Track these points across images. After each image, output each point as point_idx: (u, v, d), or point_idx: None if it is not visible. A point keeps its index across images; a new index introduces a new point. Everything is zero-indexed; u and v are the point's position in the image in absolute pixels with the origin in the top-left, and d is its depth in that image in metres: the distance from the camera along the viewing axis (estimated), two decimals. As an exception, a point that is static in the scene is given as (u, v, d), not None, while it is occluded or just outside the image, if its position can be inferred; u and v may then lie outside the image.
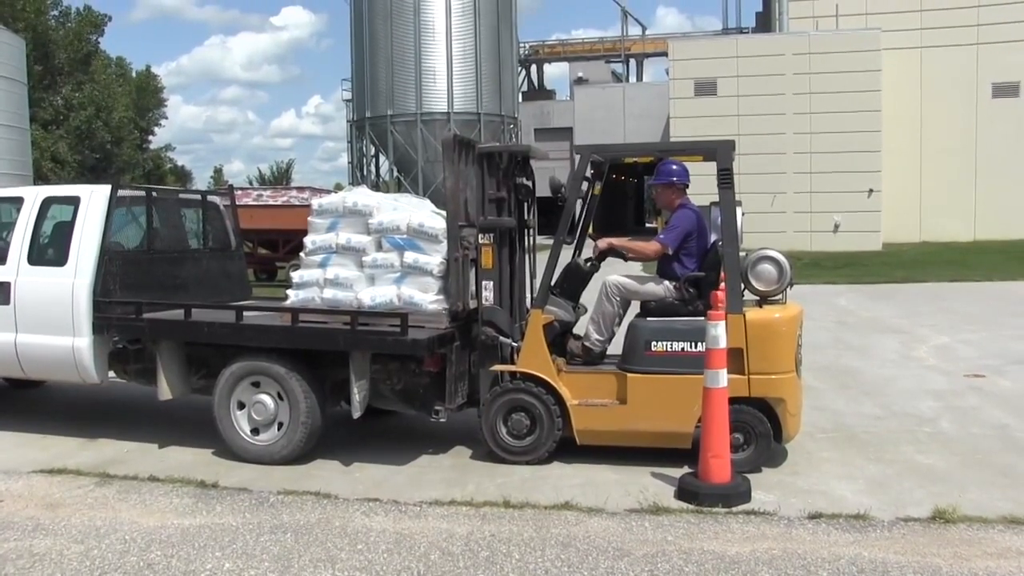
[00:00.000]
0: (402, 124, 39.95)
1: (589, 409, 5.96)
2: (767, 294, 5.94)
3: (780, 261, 5.90)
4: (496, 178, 6.34)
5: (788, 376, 5.79)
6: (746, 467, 5.70)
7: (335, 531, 4.84)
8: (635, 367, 5.90)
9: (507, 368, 6.18)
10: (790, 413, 5.81)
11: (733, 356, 5.63)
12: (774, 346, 5.76)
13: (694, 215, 6.23)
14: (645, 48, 55.15)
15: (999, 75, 34.74)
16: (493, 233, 6.19)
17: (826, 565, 4.32)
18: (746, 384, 5.70)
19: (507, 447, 6.05)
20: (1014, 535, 4.69)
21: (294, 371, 6.05)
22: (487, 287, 6.18)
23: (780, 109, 32.58)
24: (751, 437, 5.77)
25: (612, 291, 6.22)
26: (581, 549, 4.54)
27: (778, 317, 5.85)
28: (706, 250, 6.20)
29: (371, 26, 40.40)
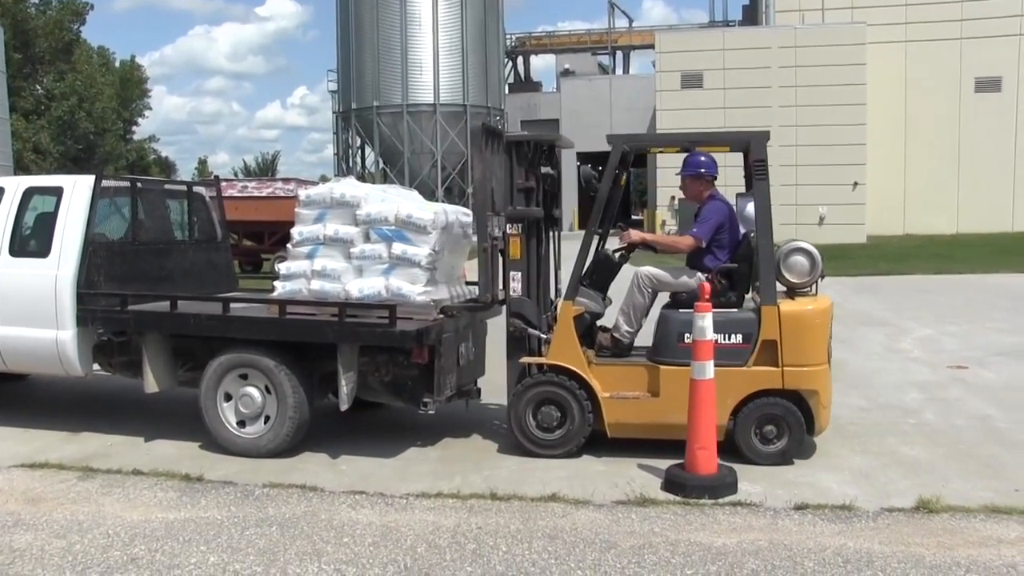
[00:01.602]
0: (388, 115, 39.86)
1: (620, 402, 5.92)
2: (799, 286, 5.93)
3: (812, 253, 5.90)
4: (524, 168, 6.28)
5: (821, 368, 5.80)
6: (778, 459, 5.74)
7: (321, 524, 4.82)
8: (668, 359, 5.88)
9: (537, 360, 6.14)
10: (822, 405, 5.81)
11: (767, 348, 5.69)
12: (808, 338, 5.76)
13: (725, 207, 6.23)
14: (632, 40, 55.10)
15: (982, 70, 34.96)
16: (521, 223, 6.16)
17: (812, 555, 4.34)
18: (780, 376, 5.71)
19: (537, 440, 5.99)
20: (995, 524, 4.74)
21: (282, 364, 6.02)
22: (515, 278, 6.16)
23: (766, 102, 32.65)
24: (783, 429, 5.77)
25: (644, 283, 6.18)
26: (568, 541, 4.54)
27: (812, 309, 5.84)
28: (738, 242, 6.19)
29: (357, 17, 40.26)
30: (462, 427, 6.85)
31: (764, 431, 5.76)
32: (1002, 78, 35.15)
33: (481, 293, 6.09)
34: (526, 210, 6.24)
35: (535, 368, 6.15)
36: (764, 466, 5.70)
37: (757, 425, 5.77)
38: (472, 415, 7.12)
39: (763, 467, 5.69)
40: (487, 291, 6.11)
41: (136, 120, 57.53)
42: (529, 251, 6.25)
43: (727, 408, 5.73)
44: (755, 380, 5.74)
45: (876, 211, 32.53)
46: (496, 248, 6.15)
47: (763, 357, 5.72)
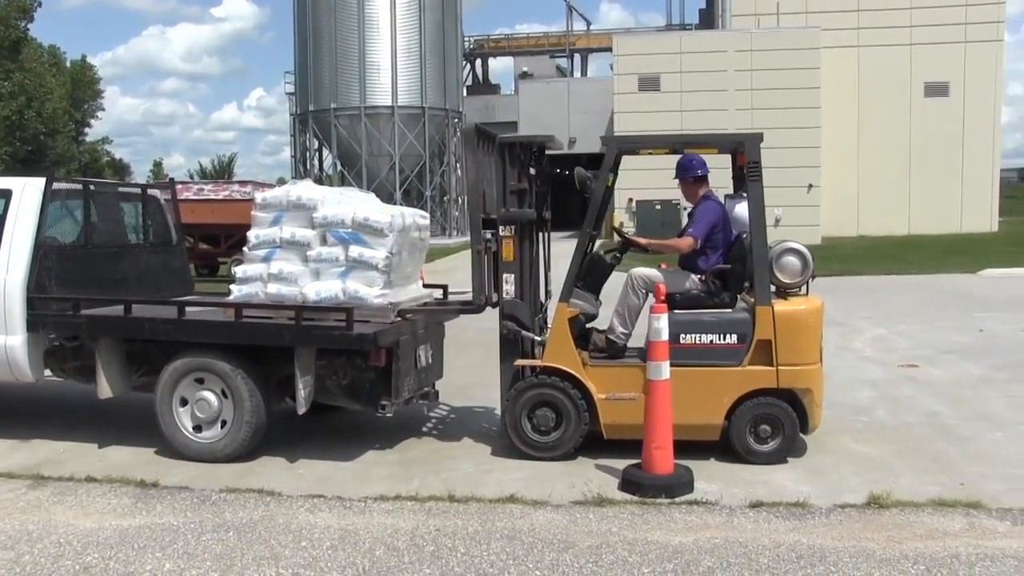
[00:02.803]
0: (346, 118, 39.67)
1: (616, 403, 5.92)
2: (791, 286, 6.00)
3: (804, 253, 5.97)
4: (516, 169, 6.27)
5: (814, 367, 5.89)
6: (773, 458, 5.82)
7: (279, 528, 4.80)
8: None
9: (532, 363, 6.13)
10: (815, 403, 5.90)
11: (761, 348, 5.76)
12: (802, 337, 5.83)
13: (719, 207, 6.29)
14: (590, 43, 55.42)
15: (930, 75, 35.73)
16: (514, 225, 6.15)
17: (766, 552, 4.41)
18: (774, 375, 5.78)
19: (532, 443, 5.97)
20: (941, 517, 4.86)
21: (238, 367, 5.98)
22: (508, 280, 6.14)
23: (722, 105, 32.98)
24: (778, 428, 5.84)
25: (639, 284, 6.20)
26: (526, 542, 4.57)
27: (805, 309, 5.92)
28: (730, 243, 6.24)
29: (315, 19, 40.02)
30: (421, 430, 6.86)
31: (759, 430, 5.83)
32: (949, 83, 35.93)
33: (475, 296, 6.06)
34: (519, 212, 6.23)
35: (529, 371, 6.14)
36: (720, 465, 5.77)
37: (752, 424, 5.84)
38: (428, 417, 7.13)
39: (719, 466, 5.77)
40: (481, 294, 6.08)
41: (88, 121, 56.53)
42: (522, 253, 6.23)
43: (723, 408, 5.80)
44: (750, 379, 5.81)
45: (830, 213, 33.01)
46: (489, 250, 6.12)
47: (758, 357, 5.79)
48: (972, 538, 4.57)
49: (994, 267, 20.06)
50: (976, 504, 5.01)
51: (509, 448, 6.13)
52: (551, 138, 6.50)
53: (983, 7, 35.72)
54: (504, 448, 6.26)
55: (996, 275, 19.16)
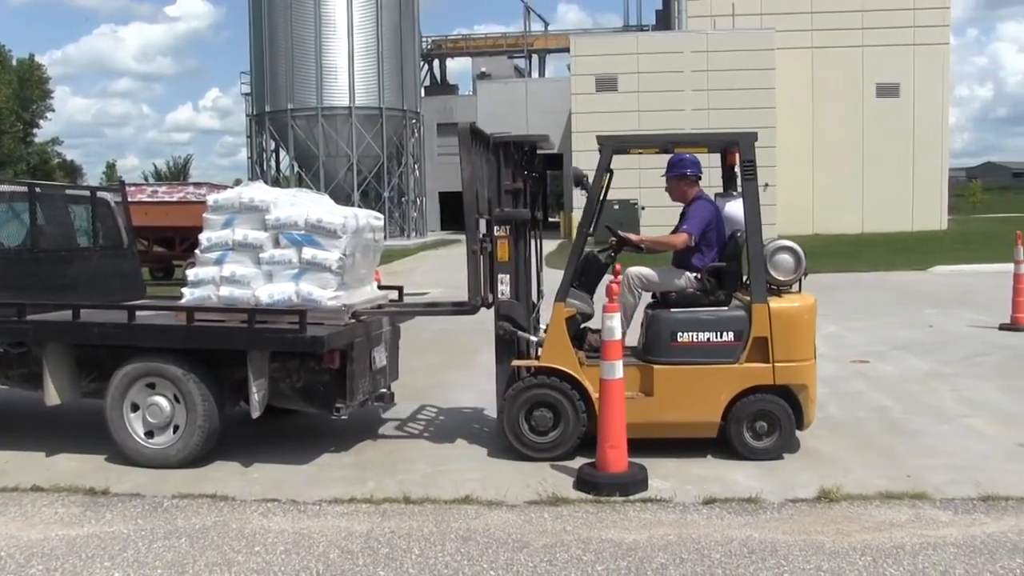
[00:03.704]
0: (303, 119, 39.42)
1: None
2: (785, 283, 6.06)
3: (797, 251, 6.05)
4: (511, 169, 6.23)
5: (809, 363, 5.95)
6: (770, 454, 5.88)
7: (232, 533, 4.75)
8: (661, 358, 5.94)
9: (530, 363, 6.10)
10: (810, 399, 5.97)
11: (758, 345, 5.81)
12: (797, 334, 5.90)
13: (712, 206, 6.33)
14: (547, 44, 55.60)
15: (882, 76, 36.43)
16: (509, 225, 6.12)
17: (719, 548, 4.46)
18: (771, 372, 5.84)
19: (531, 444, 5.94)
20: (889, 509, 4.96)
21: (191, 372, 5.90)
22: (503, 280, 6.10)
23: (679, 105, 33.31)
24: (775, 425, 5.89)
25: (635, 283, 6.23)
26: (481, 542, 4.57)
27: (800, 306, 5.99)
28: (724, 241, 6.28)
29: (270, 19, 39.72)
30: (376, 432, 6.83)
31: (756, 427, 5.89)
32: (900, 84, 36.67)
33: (471, 296, 6.04)
34: (515, 211, 6.20)
35: (525, 371, 6.13)
36: (674, 462, 5.81)
37: (749, 421, 5.89)
38: (384, 419, 7.11)
39: (673, 463, 5.80)
40: (477, 294, 6.06)
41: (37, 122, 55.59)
42: (517, 253, 6.21)
43: (720, 405, 5.85)
44: (747, 377, 5.87)
45: (786, 212, 33.42)
46: (485, 250, 6.10)
47: (754, 354, 5.85)
48: (917, 528, 4.67)
49: (943, 264, 20.47)
50: (921, 495, 5.12)
51: (468, 447, 6.13)
52: (545, 138, 6.47)
53: (930, 11, 36.53)
54: (461, 449, 6.28)
55: (945, 272, 19.56)
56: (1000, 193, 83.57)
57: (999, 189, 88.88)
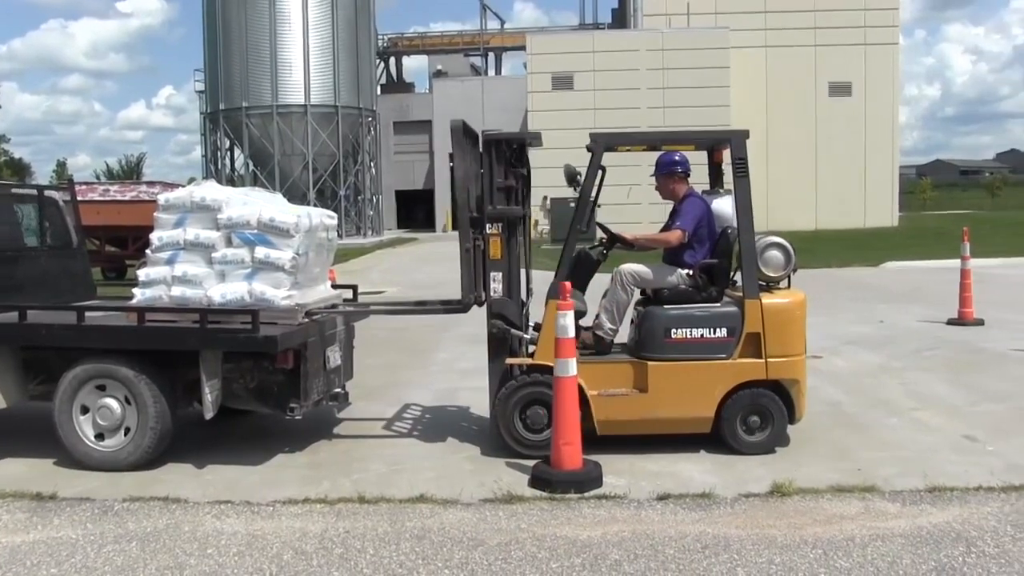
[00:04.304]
0: (257, 117, 38.99)
1: (609, 399, 5.95)
2: (775, 279, 6.13)
3: (787, 247, 6.11)
4: (503, 166, 6.20)
5: (800, 358, 6.04)
6: (764, 448, 5.95)
7: (184, 536, 4.69)
8: (655, 355, 5.97)
9: (524, 361, 6.08)
10: (801, 393, 6.06)
11: (751, 341, 5.88)
12: (789, 330, 5.98)
13: (703, 202, 6.36)
14: (504, 42, 55.65)
15: (834, 75, 37.00)
16: (501, 223, 6.10)
17: (672, 543, 4.50)
18: (763, 367, 5.91)
19: (525, 442, 5.91)
20: (839, 502, 5.04)
21: (142, 373, 5.81)
22: (496, 278, 6.08)
23: (635, 103, 33.54)
24: (768, 419, 5.97)
25: (627, 280, 6.23)
26: (436, 541, 4.57)
27: (791, 301, 6.07)
28: (716, 237, 6.31)
29: (224, 15, 39.23)
30: (331, 432, 6.79)
31: (749, 421, 5.96)
32: (852, 83, 37.24)
33: (464, 295, 6.01)
34: (507, 209, 6.17)
35: (517, 369, 6.11)
36: (629, 459, 5.85)
37: (743, 416, 5.96)
38: (339, 419, 7.08)
39: (628, 460, 5.84)
40: (471, 292, 6.03)
41: (-17, 119, 54.37)
42: (510, 251, 6.19)
43: (714, 400, 5.91)
44: (741, 372, 5.93)
45: (739, 210, 33.77)
46: (477, 248, 6.08)
47: (747, 349, 5.92)
48: (867, 520, 4.75)
49: (894, 260, 20.83)
50: (871, 488, 5.22)
51: (422, 448, 6.11)
52: (537, 136, 6.45)
53: (879, 12, 37.17)
54: (414, 448, 6.26)
55: (896, 268, 19.92)
56: (948, 190, 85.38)
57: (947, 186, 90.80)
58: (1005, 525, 4.65)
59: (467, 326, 11.46)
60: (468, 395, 7.87)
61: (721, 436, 5.98)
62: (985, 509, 4.89)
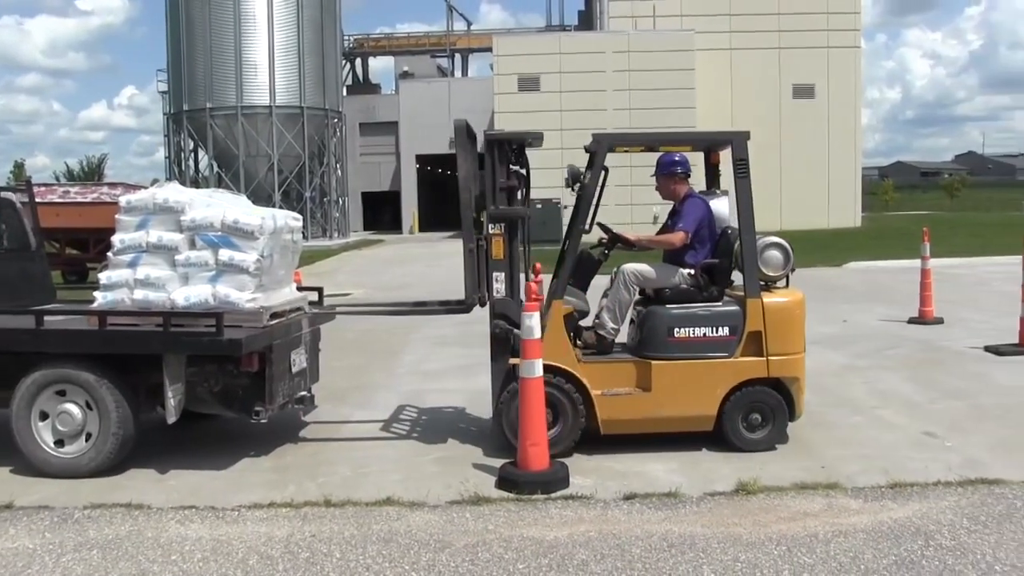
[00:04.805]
0: (222, 117, 38.66)
1: (613, 399, 5.97)
2: (774, 279, 6.19)
3: (786, 247, 6.17)
4: (505, 166, 6.18)
5: (800, 356, 6.10)
6: (765, 445, 6.01)
7: (147, 543, 4.64)
8: (658, 354, 6.00)
9: None
10: (801, 391, 6.12)
11: (752, 339, 5.93)
12: (789, 328, 6.04)
13: (704, 203, 6.40)
14: (470, 43, 55.61)
15: (798, 77, 37.39)
16: (504, 223, 6.08)
17: (639, 542, 4.52)
18: (765, 365, 5.97)
19: None
20: (803, 500, 5.10)
21: (104, 378, 5.73)
22: (498, 278, 6.08)
23: (601, 105, 33.64)
24: (768, 416, 6.03)
25: (630, 279, 6.25)
26: (403, 544, 4.55)
27: (792, 300, 6.12)
28: (716, 238, 6.35)
29: (188, 15, 38.85)
30: (297, 435, 6.75)
31: (751, 419, 6.02)
32: (815, 85, 37.65)
33: (468, 295, 6.00)
34: (510, 209, 6.16)
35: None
36: (595, 459, 5.87)
37: (744, 414, 6.01)
38: (304, 422, 7.03)
39: (594, 460, 5.87)
40: (474, 293, 6.02)
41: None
42: (512, 251, 6.18)
43: (717, 398, 5.96)
44: (742, 370, 5.99)
45: (705, 210, 34.03)
46: (480, 248, 6.07)
47: (749, 348, 5.98)
48: (829, 517, 4.81)
49: (857, 260, 21.08)
50: (834, 485, 5.29)
51: (388, 450, 6.08)
52: (539, 136, 6.40)
53: (842, 15, 37.61)
54: (379, 450, 6.24)
55: (859, 268, 20.17)
56: (910, 191, 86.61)
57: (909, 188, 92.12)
58: (961, 518, 4.74)
59: (433, 328, 11.46)
60: (435, 397, 7.87)
61: (723, 434, 6.04)
62: (943, 503, 4.97)
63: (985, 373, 8.50)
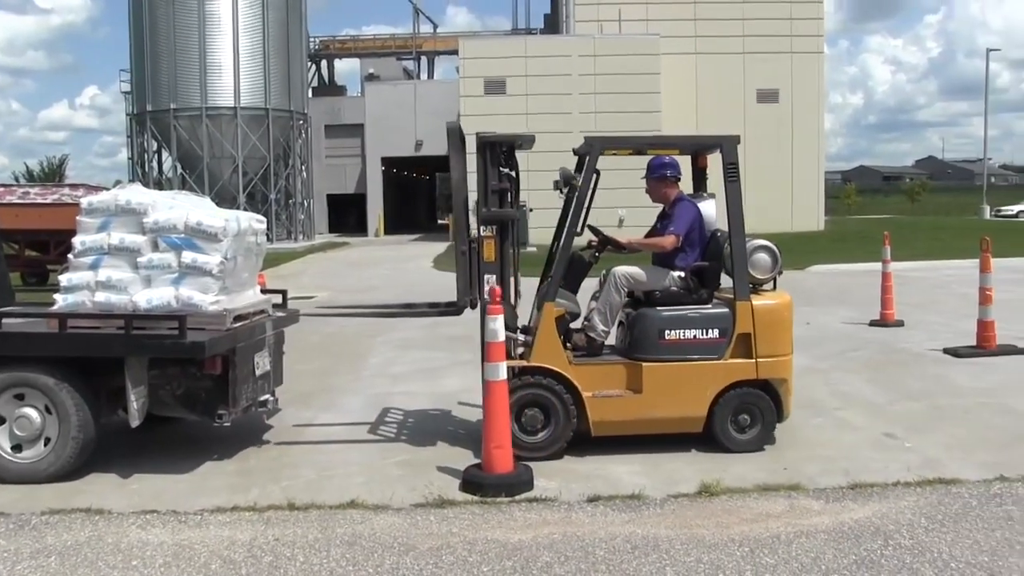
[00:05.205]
0: (186, 118, 38.22)
1: (604, 401, 6.00)
2: (762, 281, 6.25)
3: (774, 250, 6.23)
4: (497, 168, 6.17)
5: (788, 358, 6.16)
6: (753, 446, 6.07)
7: (107, 548, 4.58)
8: (649, 356, 6.04)
9: (520, 363, 6.05)
10: (789, 392, 6.17)
11: (741, 341, 5.99)
12: (778, 330, 6.10)
13: (694, 206, 6.43)
14: (436, 46, 55.52)
15: (762, 82, 37.75)
16: (496, 225, 6.08)
17: (603, 545, 4.54)
18: (754, 367, 6.02)
19: (522, 444, 5.87)
20: (766, 501, 5.16)
21: (64, 381, 5.66)
22: (490, 281, 6.07)
23: (567, 108, 33.76)
24: (757, 417, 6.08)
25: (621, 282, 6.27)
26: (366, 547, 4.54)
27: (780, 303, 6.19)
28: (706, 241, 6.39)
29: (151, 14, 38.37)
30: (261, 438, 6.70)
31: (739, 420, 6.07)
32: (779, 90, 38.05)
33: (460, 297, 5.98)
34: (503, 211, 6.16)
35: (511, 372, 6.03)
36: (560, 461, 5.89)
37: (733, 415, 6.07)
38: (268, 425, 6.99)
39: (559, 462, 5.88)
40: (466, 295, 6.01)
41: None
42: (503, 253, 6.18)
43: (707, 400, 6.02)
44: (732, 372, 6.04)
45: (672, 213, 34.23)
46: (473, 250, 6.07)
47: (738, 350, 6.04)
48: (792, 518, 4.87)
49: (820, 263, 21.31)
50: (796, 487, 5.35)
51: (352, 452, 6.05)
52: (531, 138, 6.39)
53: (805, 21, 38.07)
54: (346, 453, 6.23)
55: (822, 271, 20.37)
56: (872, 195, 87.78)
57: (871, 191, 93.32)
58: (920, 518, 4.82)
59: (399, 331, 11.44)
60: (401, 400, 7.85)
61: (712, 435, 6.10)
62: (902, 503, 5.05)
63: (944, 375, 8.64)
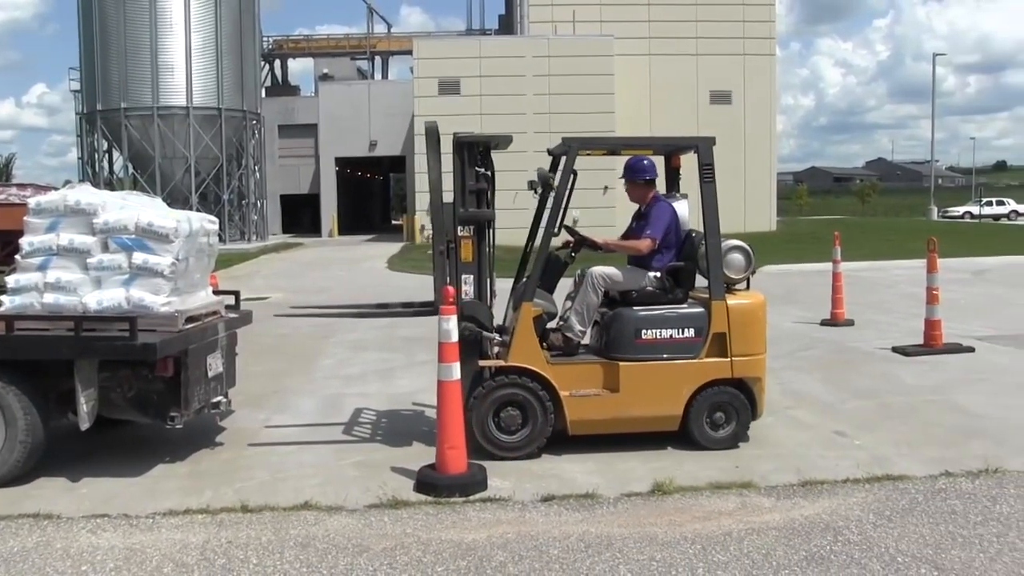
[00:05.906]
0: (137, 118, 37.64)
1: (581, 400, 6.02)
2: (736, 281, 6.32)
3: (747, 250, 6.30)
4: (474, 168, 6.15)
5: (762, 357, 6.25)
6: (728, 444, 6.15)
7: (56, 554, 4.51)
8: (626, 355, 6.07)
9: (498, 363, 6.05)
10: (762, 391, 6.26)
11: (717, 340, 6.06)
12: (752, 330, 6.18)
13: (670, 208, 6.49)
14: (390, 46, 55.29)
15: (715, 84, 38.22)
16: (473, 225, 6.06)
17: (556, 544, 4.58)
18: (729, 366, 6.09)
19: (500, 443, 5.93)
20: (718, 499, 5.23)
21: (11, 384, 5.56)
22: (467, 281, 6.07)
23: (521, 109, 33.87)
24: (731, 415, 6.16)
25: (598, 282, 6.29)
26: (320, 548, 4.53)
27: (754, 303, 6.26)
28: (681, 241, 6.43)
29: (102, 12, 37.70)
30: (214, 440, 6.64)
31: (715, 418, 6.14)
32: (732, 92, 38.53)
33: (437, 297, 5.96)
34: (480, 212, 6.14)
35: (488, 372, 6.09)
36: (514, 461, 5.91)
37: (709, 413, 6.14)
38: (221, 427, 6.93)
39: (513, 462, 5.90)
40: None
41: None
42: (481, 253, 6.17)
43: (683, 398, 6.08)
44: (707, 371, 6.12)
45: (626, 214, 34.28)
46: (450, 251, 6.06)
47: (713, 349, 6.11)
48: (743, 515, 4.94)
49: (772, 264, 21.59)
50: (748, 484, 5.43)
51: (306, 454, 6.02)
52: (508, 138, 6.38)
53: (757, 24, 38.61)
54: (299, 454, 6.20)
55: (774, 271, 20.64)
56: (823, 196, 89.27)
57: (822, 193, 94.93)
58: (868, 514, 4.92)
59: (353, 333, 11.40)
60: (354, 400, 7.83)
61: (688, 433, 6.17)
62: (851, 500, 5.16)
63: (892, 373, 8.83)
